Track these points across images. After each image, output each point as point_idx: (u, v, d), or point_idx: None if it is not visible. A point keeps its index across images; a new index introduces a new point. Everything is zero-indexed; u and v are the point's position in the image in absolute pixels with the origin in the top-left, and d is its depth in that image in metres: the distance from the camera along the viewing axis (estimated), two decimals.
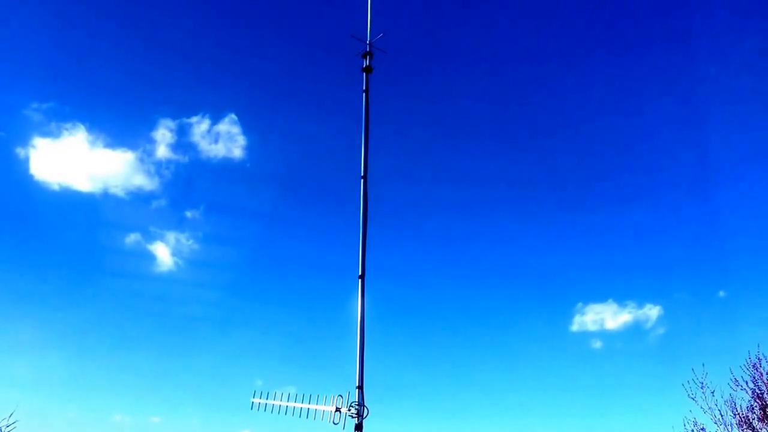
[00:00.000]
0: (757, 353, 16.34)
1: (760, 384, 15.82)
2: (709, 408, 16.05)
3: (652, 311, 26.09)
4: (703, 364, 16.58)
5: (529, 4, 30.87)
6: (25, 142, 27.10)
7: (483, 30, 30.94)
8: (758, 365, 16.24)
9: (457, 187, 30.52)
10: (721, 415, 15.81)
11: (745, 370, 16.32)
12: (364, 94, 10.07)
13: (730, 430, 15.68)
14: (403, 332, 27.10)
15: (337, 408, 7.73)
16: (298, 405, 7.96)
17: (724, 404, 15.94)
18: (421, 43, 28.47)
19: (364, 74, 10.23)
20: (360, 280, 8.69)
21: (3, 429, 11.11)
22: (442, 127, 31.40)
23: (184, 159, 27.99)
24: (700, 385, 16.30)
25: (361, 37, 10.42)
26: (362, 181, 9.44)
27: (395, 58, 10.98)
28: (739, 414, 15.66)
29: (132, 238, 26.97)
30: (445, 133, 31.51)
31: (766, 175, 27.68)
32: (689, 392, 16.41)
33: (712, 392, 16.10)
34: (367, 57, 10.31)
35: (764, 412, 15.51)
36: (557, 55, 31.29)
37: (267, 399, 8.17)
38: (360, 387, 7.93)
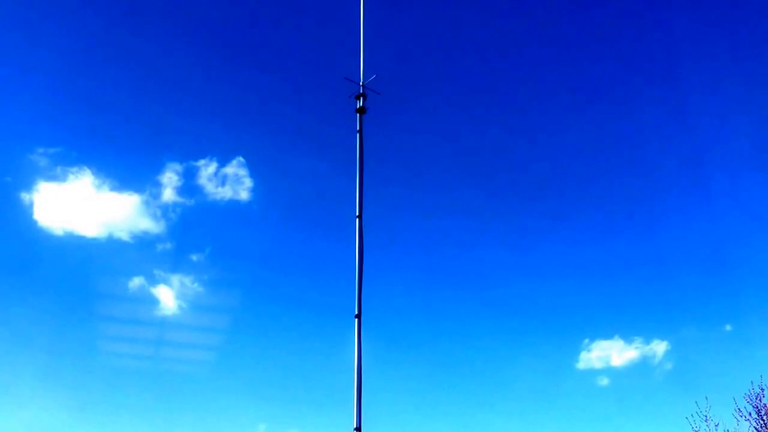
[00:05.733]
0: (759, 384, 16.27)
1: (763, 415, 15.70)
2: None
3: (659, 347, 25.80)
4: (707, 397, 16.52)
5: (520, 42, 31.48)
6: (29, 187, 27.07)
7: (476, 68, 31.51)
8: (761, 396, 16.15)
9: (454, 222, 30.62)
10: None
11: (748, 401, 16.25)
12: (358, 135, 10.20)
13: None
14: (403, 371, 26.80)
15: None
16: None
17: None
18: (413, 82, 28.94)
19: (358, 115, 10.38)
20: (356, 319, 8.68)
21: None
22: (436, 161, 31.68)
23: (190, 202, 28.08)
24: (704, 418, 16.22)
25: (354, 78, 10.61)
26: (357, 220, 9.50)
27: (388, 97, 11.16)
28: None
29: (136, 282, 26.83)
30: (440, 167, 31.77)
31: None
32: (693, 425, 16.33)
33: (716, 425, 16.03)
34: (361, 98, 10.47)
35: None
36: (549, 96, 31.86)
37: None
38: (358, 429, 7.86)
